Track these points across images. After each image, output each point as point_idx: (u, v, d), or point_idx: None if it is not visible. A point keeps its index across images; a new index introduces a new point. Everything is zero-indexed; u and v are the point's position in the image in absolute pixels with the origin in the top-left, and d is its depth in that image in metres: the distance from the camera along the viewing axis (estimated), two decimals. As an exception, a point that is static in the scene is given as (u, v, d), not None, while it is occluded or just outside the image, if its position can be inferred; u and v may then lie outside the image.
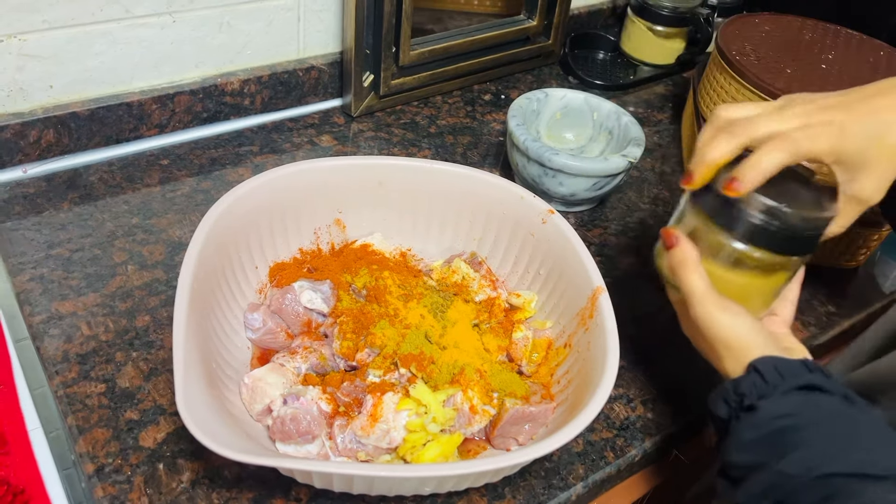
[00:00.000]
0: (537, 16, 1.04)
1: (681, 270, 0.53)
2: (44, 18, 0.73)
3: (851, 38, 0.94)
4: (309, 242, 0.70)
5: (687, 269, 0.53)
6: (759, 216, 0.50)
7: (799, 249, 0.52)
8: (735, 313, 0.52)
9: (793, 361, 0.50)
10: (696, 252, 0.53)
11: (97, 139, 0.81)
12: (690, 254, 0.53)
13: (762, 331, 0.52)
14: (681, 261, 0.53)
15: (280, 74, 0.90)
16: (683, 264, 0.53)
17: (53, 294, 0.66)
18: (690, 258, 0.53)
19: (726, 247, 0.52)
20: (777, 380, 0.49)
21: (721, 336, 0.52)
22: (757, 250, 0.51)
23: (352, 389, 0.58)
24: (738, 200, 0.50)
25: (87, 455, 0.55)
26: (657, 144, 1.00)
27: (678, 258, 0.53)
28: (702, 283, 0.52)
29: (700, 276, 0.52)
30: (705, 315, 0.52)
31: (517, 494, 0.57)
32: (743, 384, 0.50)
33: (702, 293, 0.52)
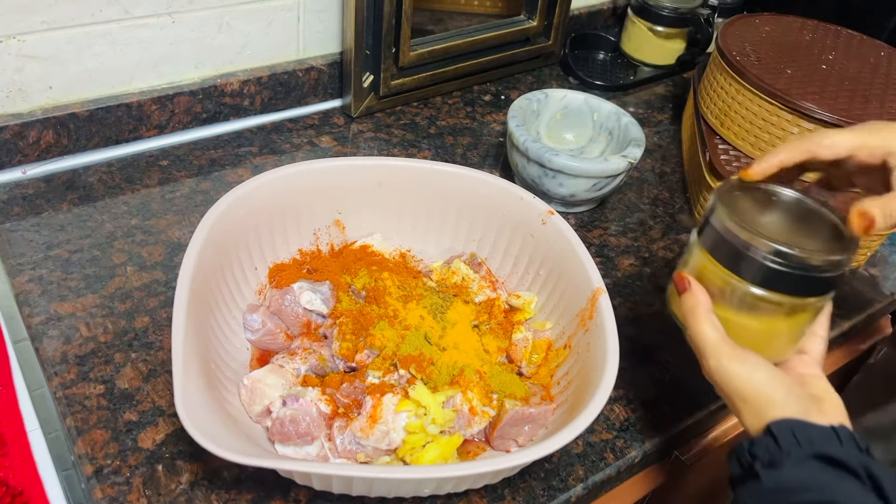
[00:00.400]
0: (537, 16, 1.04)
1: (691, 319, 0.50)
2: (43, 19, 0.72)
3: (852, 39, 0.94)
4: (308, 243, 0.70)
5: (697, 317, 0.50)
6: (772, 259, 0.46)
7: (819, 290, 0.49)
8: (752, 365, 0.48)
9: (815, 427, 0.45)
10: (708, 298, 0.50)
11: (96, 140, 0.81)
12: (702, 300, 0.50)
13: (783, 382, 0.48)
14: (691, 308, 0.50)
15: (280, 75, 0.90)
16: (693, 312, 0.50)
17: (52, 295, 0.66)
18: (702, 305, 0.50)
19: (739, 291, 0.49)
20: (792, 446, 0.44)
21: (737, 390, 0.48)
22: (773, 294, 0.48)
23: (351, 391, 0.58)
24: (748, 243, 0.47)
25: (86, 456, 0.55)
26: (657, 145, 1.00)
27: (689, 305, 0.51)
28: (713, 332, 0.49)
29: (712, 325, 0.49)
30: (719, 368, 0.48)
31: (517, 496, 0.57)
32: (757, 446, 0.46)
33: (714, 344, 0.49)
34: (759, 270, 0.47)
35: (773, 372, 0.48)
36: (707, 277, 0.51)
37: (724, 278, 0.50)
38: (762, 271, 0.47)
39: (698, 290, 0.51)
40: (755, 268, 0.47)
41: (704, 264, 0.51)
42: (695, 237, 0.52)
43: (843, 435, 0.45)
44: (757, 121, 0.83)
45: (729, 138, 0.86)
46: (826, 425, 0.45)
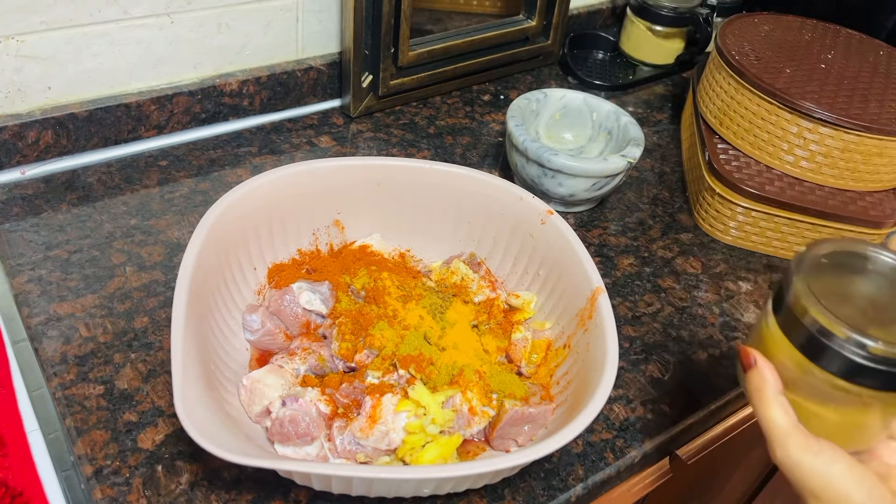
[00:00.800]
0: (536, 16, 1.04)
1: (757, 401, 0.44)
2: (42, 19, 0.72)
3: (851, 38, 0.94)
4: (307, 243, 0.70)
5: (764, 399, 0.44)
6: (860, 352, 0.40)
7: None
8: (829, 458, 0.42)
9: None
10: (777, 379, 0.44)
11: (95, 140, 0.81)
12: (770, 381, 0.44)
13: (864, 480, 0.42)
14: (757, 388, 0.44)
15: (279, 75, 0.90)
16: (760, 393, 0.44)
17: (52, 295, 0.66)
18: (770, 386, 0.44)
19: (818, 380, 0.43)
20: None
21: (810, 486, 0.42)
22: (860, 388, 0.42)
23: (351, 391, 0.58)
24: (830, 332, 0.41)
25: (86, 457, 0.55)
26: (656, 145, 1.00)
27: (755, 385, 0.45)
28: (784, 418, 0.43)
29: (782, 409, 0.43)
30: (788, 461, 0.43)
31: (517, 496, 0.57)
32: None
33: (783, 432, 0.43)
34: (844, 362, 0.41)
35: (853, 467, 0.42)
36: (779, 358, 0.45)
37: (800, 363, 0.43)
38: (847, 363, 0.41)
39: (766, 368, 0.45)
40: (839, 359, 0.41)
41: (776, 341, 0.45)
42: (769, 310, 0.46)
43: None
44: (756, 120, 0.83)
45: (728, 138, 0.86)
46: None
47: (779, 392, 0.44)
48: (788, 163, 0.82)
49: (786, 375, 0.44)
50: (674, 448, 0.69)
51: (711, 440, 0.77)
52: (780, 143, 0.82)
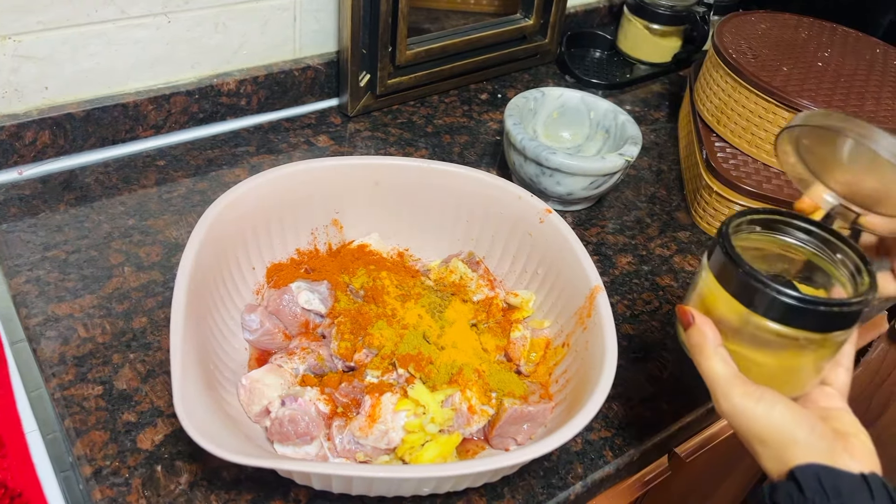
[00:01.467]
0: (534, 15, 1.04)
1: (699, 355, 0.46)
2: (39, 19, 0.72)
3: (848, 36, 0.94)
4: (306, 243, 0.70)
5: (705, 353, 0.46)
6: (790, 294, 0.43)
7: (842, 324, 0.45)
8: (769, 402, 0.44)
9: (844, 475, 0.41)
10: (716, 332, 0.47)
11: (93, 140, 0.81)
12: (709, 335, 0.46)
13: (805, 420, 0.43)
14: (698, 344, 0.47)
15: (276, 74, 0.89)
16: (701, 348, 0.46)
17: (50, 296, 0.66)
18: (709, 340, 0.46)
19: (753, 326, 0.45)
20: (817, 495, 0.40)
21: (754, 431, 0.44)
22: (792, 329, 0.44)
23: (350, 390, 0.58)
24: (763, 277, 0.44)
25: (85, 457, 0.55)
26: (654, 143, 1.00)
27: (695, 340, 0.47)
28: (725, 369, 0.45)
29: (722, 360, 0.46)
30: (731, 408, 0.44)
31: (516, 494, 0.57)
32: (779, 492, 0.42)
33: (725, 381, 0.45)
34: (776, 305, 0.44)
35: (792, 409, 0.44)
36: (717, 309, 0.47)
37: (736, 311, 0.46)
38: (779, 306, 0.44)
39: (704, 323, 0.47)
40: (771, 302, 0.44)
41: (714, 295, 0.47)
42: (705, 264, 0.49)
43: (875, 485, 0.41)
44: (753, 118, 0.83)
45: (725, 136, 0.87)
46: (856, 473, 0.41)
47: (718, 345, 0.46)
48: (786, 161, 0.82)
49: (724, 327, 0.47)
50: (672, 446, 0.70)
51: (710, 438, 0.77)
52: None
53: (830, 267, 0.49)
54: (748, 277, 0.44)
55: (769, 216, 0.50)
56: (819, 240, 0.49)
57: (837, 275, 0.48)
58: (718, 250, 0.47)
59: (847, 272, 0.48)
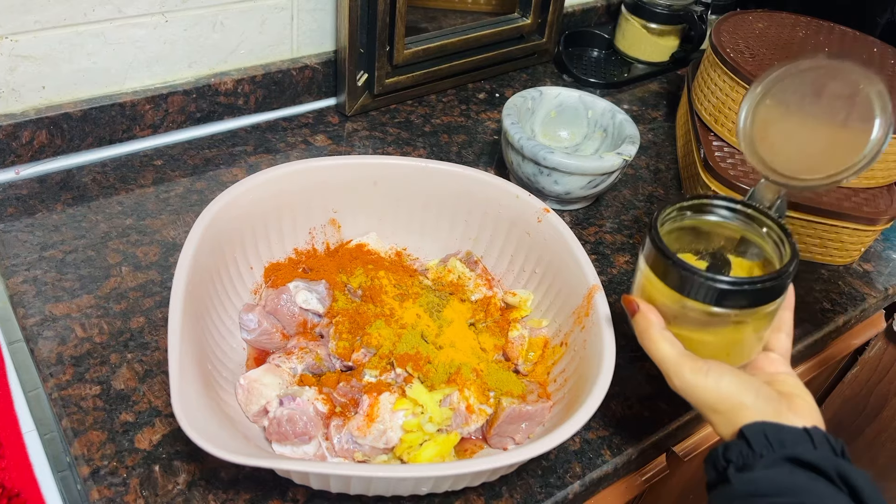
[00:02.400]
0: (531, 14, 1.04)
1: (646, 340, 0.50)
2: (36, 19, 0.72)
3: (845, 35, 0.94)
4: (304, 242, 0.70)
5: (652, 337, 0.50)
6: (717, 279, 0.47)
7: (770, 298, 0.49)
8: (717, 374, 0.48)
9: (788, 429, 0.45)
10: (659, 317, 0.50)
11: (90, 140, 0.80)
12: (653, 320, 0.50)
13: (751, 385, 0.48)
14: (644, 329, 0.50)
15: (274, 74, 0.89)
16: (647, 332, 0.50)
17: (47, 296, 0.66)
18: (654, 325, 0.50)
19: (691, 311, 0.50)
20: (764, 448, 0.44)
21: (707, 402, 0.48)
22: (725, 310, 0.48)
23: (348, 390, 0.58)
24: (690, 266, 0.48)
25: (83, 457, 0.55)
26: (652, 142, 1.00)
27: (641, 326, 0.51)
28: (671, 349, 0.49)
29: (668, 342, 0.49)
30: (684, 385, 0.48)
31: (514, 493, 0.57)
32: (731, 450, 0.46)
33: (674, 361, 0.49)
34: (707, 290, 0.48)
35: (739, 377, 0.48)
36: (656, 297, 0.51)
37: (672, 298, 0.50)
38: (708, 290, 0.48)
39: (648, 310, 0.51)
40: (700, 287, 0.48)
41: (652, 284, 0.51)
42: (642, 259, 0.52)
43: (817, 437, 0.45)
44: (751, 117, 0.83)
45: (723, 135, 0.87)
46: (799, 427, 0.45)
47: (663, 328, 0.50)
48: (783, 160, 0.82)
49: (666, 313, 0.51)
50: (670, 445, 0.70)
51: (708, 437, 0.77)
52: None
53: (759, 240, 0.53)
54: (676, 266, 0.49)
55: (696, 201, 0.54)
56: (744, 216, 0.54)
57: (766, 247, 0.53)
58: (649, 242, 0.51)
59: (772, 243, 0.52)
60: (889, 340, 1.02)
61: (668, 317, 0.51)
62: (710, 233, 0.55)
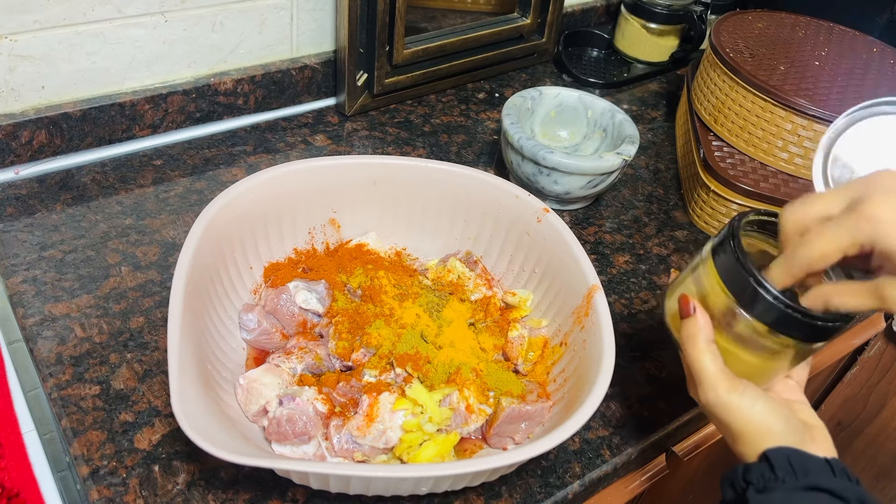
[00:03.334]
0: (531, 14, 1.04)
1: (691, 346, 0.49)
2: (35, 19, 0.72)
3: (844, 35, 0.94)
4: (303, 242, 0.70)
5: (698, 346, 0.49)
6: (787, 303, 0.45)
7: (824, 337, 0.48)
8: (752, 397, 0.47)
9: (811, 458, 0.45)
10: (711, 327, 0.49)
11: (90, 140, 0.80)
12: (705, 330, 0.49)
13: (781, 413, 0.48)
14: (692, 335, 0.49)
15: (273, 74, 0.89)
16: (694, 340, 0.49)
17: (46, 296, 0.66)
18: (703, 334, 0.49)
19: (745, 326, 0.48)
20: (787, 474, 0.45)
21: (736, 423, 0.48)
22: (781, 336, 0.47)
23: (348, 390, 0.58)
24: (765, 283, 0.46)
25: (82, 457, 0.55)
26: (651, 142, 1.00)
27: (690, 331, 0.49)
28: (713, 364, 0.48)
29: (712, 356, 0.48)
30: (716, 400, 0.48)
31: (514, 493, 0.57)
32: (752, 472, 0.46)
33: (713, 376, 0.48)
34: (772, 311, 0.46)
35: (771, 403, 0.48)
36: (713, 302, 0.49)
37: (731, 309, 0.48)
38: (774, 312, 0.46)
39: (702, 317, 0.49)
40: (768, 308, 0.46)
41: (714, 289, 0.49)
42: (707, 256, 0.50)
43: (837, 468, 0.45)
44: (751, 117, 0.83)
45: (723, 135, 0.87)
46: (821, 456, 0.46)
47: (710, 340, 0.49)
48: (783, 160, 0.82)
49: (716, 319, 0.49)
50: (670, 444, 0.70)
51: (707, 437, 0.77)
52: (775, 140, 0.82)
53: None
54: (754, 282, 0.46)
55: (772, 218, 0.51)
56: None
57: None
58: (727, 248, 0.48)
59: None
60: (889, 340, 1.02)
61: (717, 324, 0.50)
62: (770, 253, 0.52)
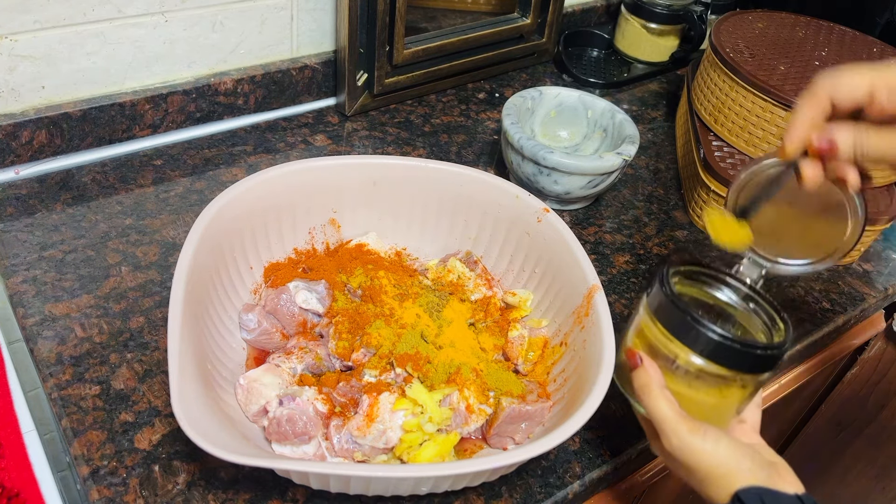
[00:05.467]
0: (531, 14, 1.04)
1: (645, 397, 0.50)
2: (35, 19, 0.72)
3: (844, 35, 0.94)
4: (304, 242, 0.70)
5: (652, 395, 0.49)
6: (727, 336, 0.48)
7: (768, 367, 0.50)
8: (714, 438, 0.48)
9: (784, 496, 0.46)
10: (660, 374, 0.50)
11: (90, 140, 0.80)
12: (655, 378, 0.50)
13: (745, 452, 0.48)
14: (645, 384, 0.50)
15: (273, 74, 0.89)
16: (647, 389, 0.50)
17: (47, 296, 0.66)
18: (655, 382, 0.50)
19: (691, 365, 0.50)
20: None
21: (703, 465, 0.48)
22: (726, 370, 0.49)
23: (348, 390, 0.58)
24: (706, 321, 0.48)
25: (82, 457, 0.55)
26: (651, 142, 1.00)
27: (642, 381, 0.50)
28: (671, 410, 0.49)
29: (667, 401, 0.49)
30: (680, 444, 0.48)
31: (514, 493, 0.57)
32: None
33: (673, 421, 0.48)
34: (712, 345, 0.48)
35: (735, 441, 0.48)
36: (657, 348, 0.51)
37: (674, 351, 0.50)
38: (714, 346, 0.48)
39: (651, 366, 0.50)
40: (707, 342, 0.48)
41: (655, 335, 0.51)
42: (644, 305, 0.52)
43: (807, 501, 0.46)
44: (751, 117, 0.83)
45: (723, 135, 0.87)
46: (791, 493, 0.46)
47: (663, 386, 0.50)
48: (783, 160, 0.82)
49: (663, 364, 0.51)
50: (670, 445, 0.70)
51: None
52: (775, 140, 0.82)
53: (744, 315, 0.54)
54: (691, 320, 0.48)
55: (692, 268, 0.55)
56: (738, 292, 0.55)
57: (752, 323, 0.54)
58: (660, 292, 0.51)
59: (760, 321, 0.53)
60: (889, 340, 1.02)
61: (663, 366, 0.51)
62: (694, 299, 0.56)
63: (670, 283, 0.51)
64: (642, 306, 0.53)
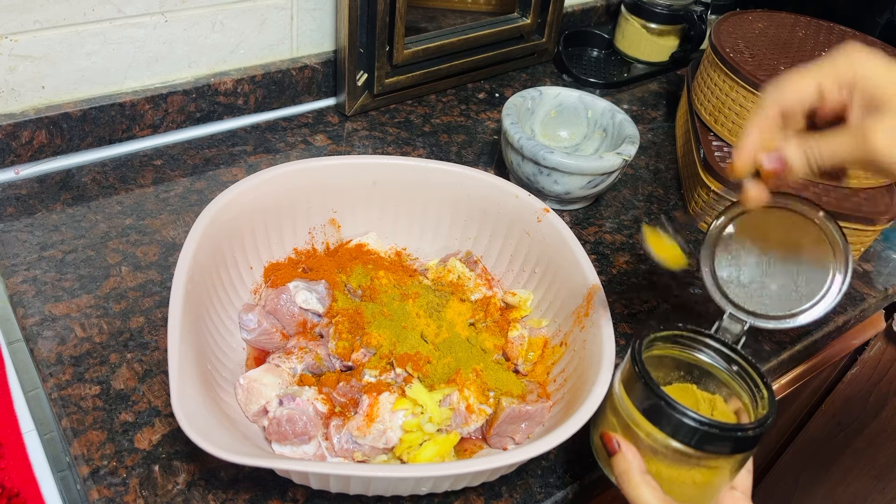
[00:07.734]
0: (531, 14, 1.04)
1: (626, 484, 0.48)
2: (35, 18, 0.72)
3: (845, 35, 0.94)
4: (303, 242, 0.70)
5: (632, 482, 0.48)
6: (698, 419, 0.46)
7: (749, 446, 0.48)
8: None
9: None
10: (640, 460, 0.49)
11: (90, 140, 0.80)
12: (635, 463, 0.48)
13: None
14: (624, 471, 0.48)
15: (273, 74, 0.89)
16: (627, 476, 0.48)
17: (47, 296, 0.66)
18: (635, 468, 0.48)
19: (670, 450, 0.48)
20: None
21: None
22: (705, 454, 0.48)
23: (348, 390, 0.58)
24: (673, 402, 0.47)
25: (82, 457, 0.55)
26: (651, 142, 1.00)
27: (622, 468, 0.49)
28: (654, 497, 0.47)
29: (649, 487, 0.47)
30: None
31: (514, 493, 0.57)
32: None
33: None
34: (691, 432, 0.46)
35: None
36: (635, 431, 0.49)
37: (653, 436, 0.48)
38: (694, 433, 0.46)
39: (629, 451, 0.49)
40: (687, 429, 0.46)
41: (633, 418, 0.49)
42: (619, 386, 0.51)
43: None
44: (751, 117, 0.83)
45: (723, 135, 0.87)
46: None
47: (643, 472, 0.48)
48: (783, 160, 0.82)
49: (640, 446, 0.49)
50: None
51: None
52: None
53: (726, 376, 0.53)
54: (667, 407, 0.47)
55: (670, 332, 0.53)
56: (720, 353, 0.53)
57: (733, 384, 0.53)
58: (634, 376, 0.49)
59: (744, 383, 0.52)
60: (889, 340, 1.02)
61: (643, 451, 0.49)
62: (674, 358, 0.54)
63: (644, 365, 0.49)
64: (616, 383, 0.51)
